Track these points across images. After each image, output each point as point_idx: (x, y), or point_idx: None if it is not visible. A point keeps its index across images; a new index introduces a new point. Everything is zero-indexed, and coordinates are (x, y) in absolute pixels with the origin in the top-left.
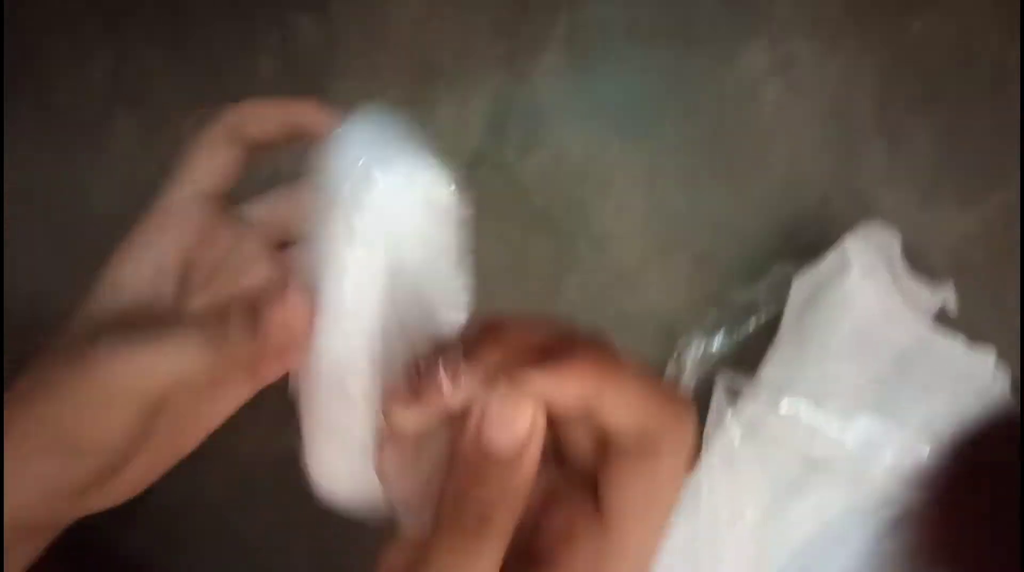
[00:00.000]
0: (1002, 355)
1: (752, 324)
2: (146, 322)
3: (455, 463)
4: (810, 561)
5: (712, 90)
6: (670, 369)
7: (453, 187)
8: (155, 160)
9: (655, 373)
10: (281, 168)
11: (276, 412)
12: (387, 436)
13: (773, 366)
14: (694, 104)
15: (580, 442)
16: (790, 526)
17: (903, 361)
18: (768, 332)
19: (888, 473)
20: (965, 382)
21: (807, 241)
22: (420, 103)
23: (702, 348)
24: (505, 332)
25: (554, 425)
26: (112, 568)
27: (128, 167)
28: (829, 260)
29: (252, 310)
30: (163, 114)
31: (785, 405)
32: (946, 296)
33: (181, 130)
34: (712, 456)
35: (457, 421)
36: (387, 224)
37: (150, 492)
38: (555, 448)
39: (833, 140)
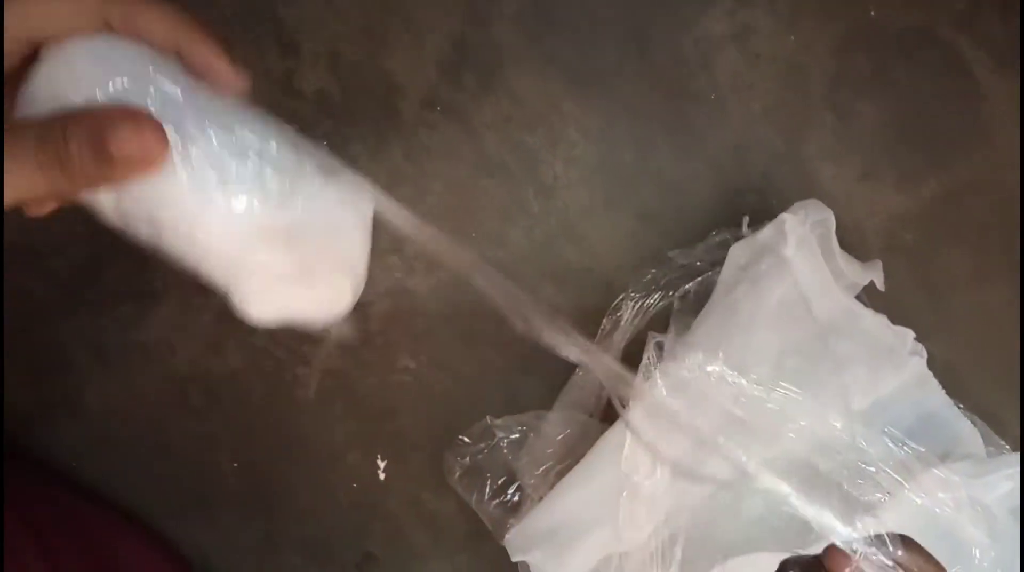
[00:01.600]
0: (924, 333)
1: (687, 286)
2: None
3: None
4: (718, 510)
5: (670, 52)
6: (605, 323)
7: None
8: None
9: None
10: None
11: (211, 334)
12: None
13: (702, 329)
14: (651, 64)
15: None
16: (707, 475)
17: (825, 334)
18: (702, 295)
19: (799, 437)
20: (883, 357)
21: (748, 207)
22: (373, 38)
23: (638, 305)
24: None
25: None
26: (39, 463)
27: None
28: (765, 231)
29: (96, 130)
30: None
31: (710, 366)
32: (875, 274)
33: None
34: (637, 410)
35: None
36: None
37: (84, 397)
38: None
39: (783, 111)
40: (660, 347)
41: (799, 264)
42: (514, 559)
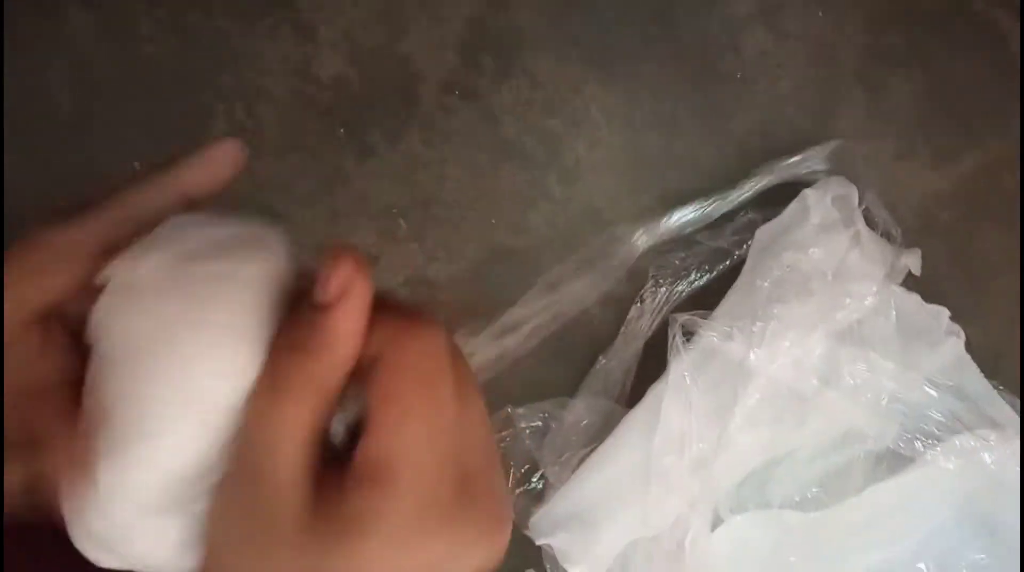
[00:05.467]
0: (962, 315)
1: (717, 268)
2: None
3: None
4: (753, 491)
5: (696, 30)
6: (633, 310)
7: None
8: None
9: None
10: None
11: None
12: None
13: (727, 306)
14: (676, 43)
15: None
16: (737, 458)
17: (855, 311)
18: (731, 277)
19: (834, 415)
20: (916, 336)
21: (777, 188)
22: (391, 22)
23: (665, 290)
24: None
25: None
26: None
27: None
28: (789, 210)
29: None
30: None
31: (737, 341)
32: (911, 258)
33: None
34: (668, 389)
35: None
36: None
37: None
38: None
39: (812, 89)
40: (686, 327)
41: (824, 241)
42: (538, 542)
